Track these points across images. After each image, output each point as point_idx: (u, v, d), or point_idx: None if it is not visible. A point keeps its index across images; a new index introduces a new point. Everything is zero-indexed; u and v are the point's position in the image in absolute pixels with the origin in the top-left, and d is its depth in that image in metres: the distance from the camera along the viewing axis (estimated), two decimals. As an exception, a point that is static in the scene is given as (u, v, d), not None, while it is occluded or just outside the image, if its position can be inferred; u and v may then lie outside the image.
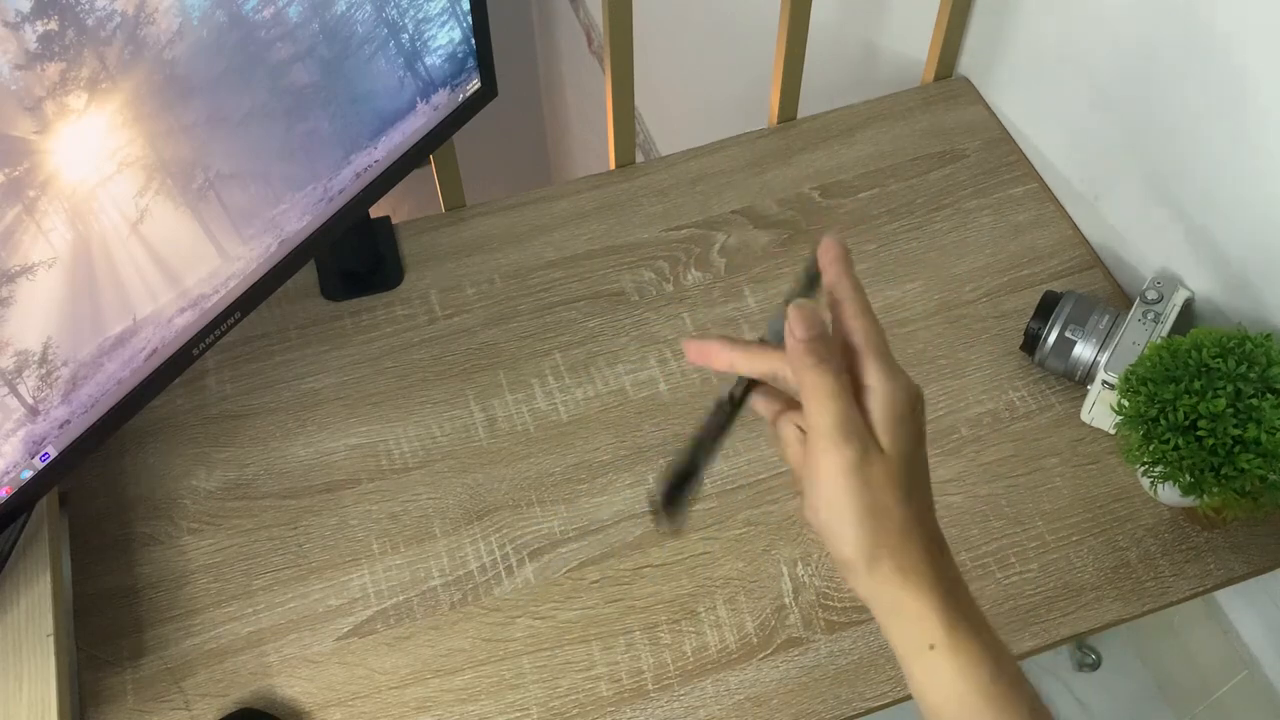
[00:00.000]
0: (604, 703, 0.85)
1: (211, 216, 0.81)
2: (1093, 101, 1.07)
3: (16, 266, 0.69)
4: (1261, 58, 0.87)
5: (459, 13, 0.93)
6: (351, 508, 0.94)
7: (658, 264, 1.09)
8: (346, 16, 0.83)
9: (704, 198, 1.14)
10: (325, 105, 0.86)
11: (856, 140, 1.19)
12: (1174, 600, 0.89)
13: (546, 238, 1.11)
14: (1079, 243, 1.11)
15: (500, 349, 1.03)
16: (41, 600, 0.80)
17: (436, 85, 0.96)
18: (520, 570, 0.91)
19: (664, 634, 0.88)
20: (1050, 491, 0.94)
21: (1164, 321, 0.95)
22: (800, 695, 0.85)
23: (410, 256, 1.09)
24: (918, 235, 1.11)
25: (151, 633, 0.88)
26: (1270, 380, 0.82)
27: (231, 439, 0.98)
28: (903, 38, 1.30)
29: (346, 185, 0.93)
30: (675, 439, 0.97)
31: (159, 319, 0.82)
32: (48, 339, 0.73)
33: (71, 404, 0.78)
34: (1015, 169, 1.16)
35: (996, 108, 1.21)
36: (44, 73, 0.65)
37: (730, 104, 1.63)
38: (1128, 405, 0.84)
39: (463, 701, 0.85)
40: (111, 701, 0.84)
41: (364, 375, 1.02)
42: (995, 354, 1.02)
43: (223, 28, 0.75)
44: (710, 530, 0.93)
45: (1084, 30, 1.06)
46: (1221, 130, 0.93)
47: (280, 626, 0.88)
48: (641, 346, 1.03)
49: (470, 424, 0.99)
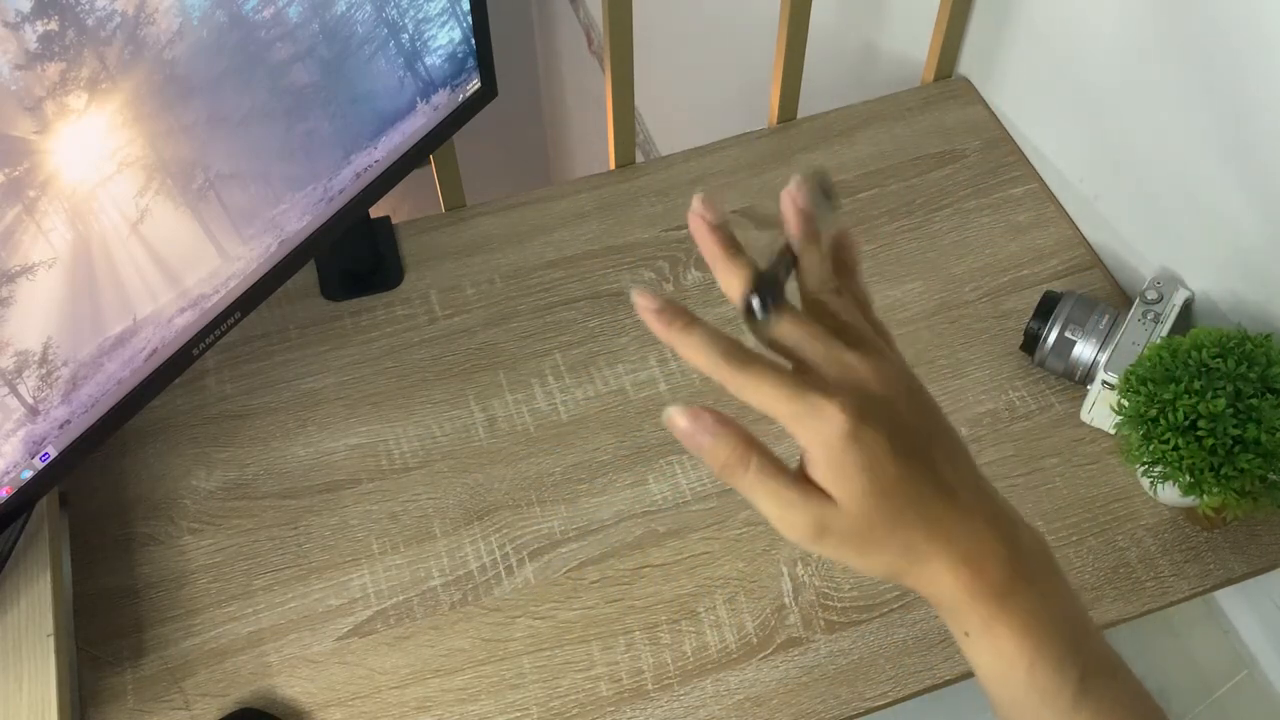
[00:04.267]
0: (604, 703, 0.85)
1: (211, 216, 0.81)
2: (1092, 101, 1.07)
3: (16, 266, 0.69)
4: (1261, 57, 0.87)
5: (459, 13, 0.93)
6: (351, 508, 0.94)
7: (658, 264, 1.09)
8: (346, 16, 0.83)
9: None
10: (325, 105, 0.86)
11: (856, 140, 1.19)
12: (1174, 600, 0.89)
13: (546, 238, 1.11)
14: (1079, 243, 1.11)
15: (500, 349, 1.03)
16: (41, 600, 0.80)
17: (436, 85, 0.96)
18: (520, 570, 0.91)
19: (664, 634, 0.88)
20: (1050, 491, 0.94)
21: (1164, 321, 0.95)
22: (800, 695, 0.85)
23: (410, 256, 1.09)
24: (917, 235, 1.11)
25: (151, 633, 0.88)
26: (1270, 380, 0.82)
27: (231, 439, 0.98)
28: (903, 38, 1.30)
29: (346, 185, 0.93)
30: (675, 439, 0.97)
31: (159, 319, 0.82)
32: (48, 339, 0.73)
33: (71, 404, 0.78)
34: (1015, 169, 1.16)
35: (996, 108, 1.21)
36: (44, 73, 0.65)
37: (730, 104, 1.63)
38: (1128, 405, 0.84)
39: (463, 701, 0.85)
40: (111, 701, 0.85)
41: (364, 375, 1.02)
42: (995, 354, 1.02)
43: (223, 28, 0.75)
44: (710, 530, 0.93)
45: (1084, 30, 1.06)
46: (1221, 130, 0.93)
47: (280, 626, 0.88)
48: (641, 346, 1.03)
49: (470, 424, 0.99)
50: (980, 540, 0.47)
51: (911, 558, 0.47)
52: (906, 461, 0.46)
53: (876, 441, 0.45)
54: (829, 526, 0.46)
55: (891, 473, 0.45)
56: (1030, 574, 0.48)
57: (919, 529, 0.46)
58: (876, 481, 0.45)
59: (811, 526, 0.46)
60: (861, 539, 0.46)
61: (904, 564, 0.47)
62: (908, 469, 0.46)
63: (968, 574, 0.47)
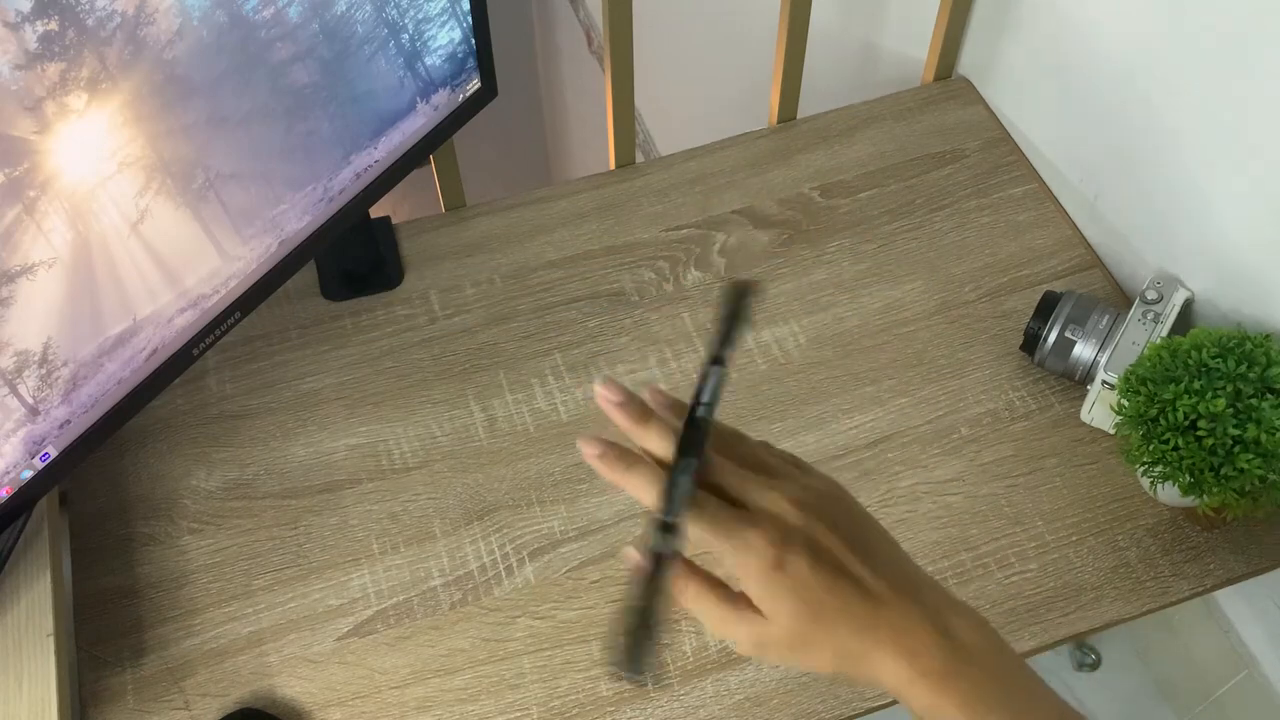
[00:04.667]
0: (604, 703, 0.85)
1: (211, 216, 0.81)
2: (1092, 101, 1.07)
3: (16, 266, 0.69)
4: (1261, 57, 0.87)
5: (459, 13, 0.93)
6: (351, 508, 0.94)
7: (658, 264, 1.09)
8: (346, 16, 0.83)
9: (704, 198, 1.14)
10: (325, 105, 0.86)
11: (856, 140, 1.19)
12: (1174, 600, 0.89)
13: (546, 238, 1.11)
14: (1079, 243, 1.11)
15: (500, 349, 1.03)
16: (41, 600, 0.80)
17: (436, 85, 0.96)
18: (520, 570, 0.91)
19: (664, 634, 0.88)
20: (1050, 491, 0.94)
21: (1164, 321, 0.95)
22: (800, 695, 0.85)
23: (410, 256, 1.09)
24: (918, 235, 1.11)
25: (151, 633, 0.88)
26: (1270, 380, 0.82)
27: (231, 439, 0.98)
28: (903, 38, 1.30)
29: (346, 185, 0.93)
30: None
31: (159, 319, 0.82)
32: (48, 339, 0.73)
33: (72, 404, 0.78)
34: (1015, 169, 1.16)
35: (996, 108, 1.21)
36: (44, 73, 0.65)
37: (730, 104, 1.63)
38: (1128, 405, 0.84)
39: (463, 701, 0.85)
40: (111, 701, 0.85)
41: (364, 375, 1.02)
42: (995, 354, 1.02)
43: (223, 28, 0.75)
44: (710, 530, 0.93)
45: (1083, 30, 1.06)
46: (1221, 130, 0.93)
47: (280, 626, 0.88)
48: (641, 346, 1.03)
49: (470, 424, 0.99)
50: (912, 633, 0.50)
51: (850, 659, 0.51)
52: (830, 577, 0.50)
53: (798, 567, 0.50)
54: (766, 641, 0.51)
55: (816, 591, 0.50)
56: (969, 655, 0.51)
57: (850, 634, 0.50)
58: (803, 601, 0.50)
59: (750, 640, 0.52)
60: (798, 648, 0.51)
61: (845, 664, 0.51)
62: (832, 583, 0.50)
63: (904, 664, 0.50)
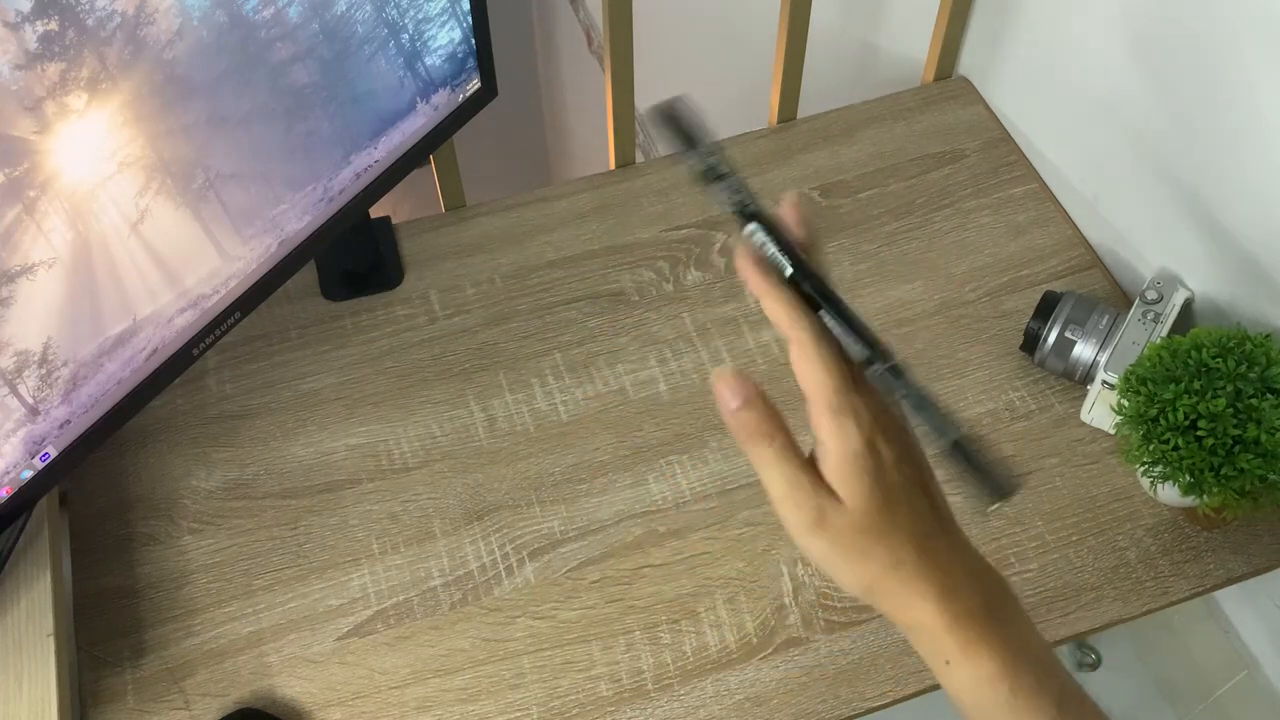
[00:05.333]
0: (604, 703, 0.85)
1: (211, 216, 0.81)
2: (1092, 101, 1.07)
3: (16, 266, 0.69)
4: (1260, 58, 0.87)
5: (459, 13, 0.93)
6: (351, 508, 0.94)
7: (658, 264, 1.09)
8: (346, 16, 0.83)
9: (704, 198, 1.14)
10: (325, 105, 0.86)
11: (856, 140, 1.19)
12: (1174, 600, 0.89)
13: (546, 238, 1.11)
14: (1079, 243, 1.11)
15: (500, 349, 1.03)
16: (41, 600, 0.80)
17: (436, 85, 0.96)
18: (520, 570, 0.91)
19: (664, 634, 0.88)
20: (1050, 491, 0.94)
21: (1164, 321, 0.95)
22: (800, 695, 0.85)
23: (410, 256, 1.09)
24: (918, 235, 1.11)
25: (151, 633, 0.88)
26: (1270, 380, 0.82)
27: (231, 439, 0.98)
28: (903, 38, 1.30)
29: (346, 185, 0.93)
30: (675, 439, 0.97)
31: (159, 319, 0.82)
32: (48, 339, 0.73)
33: (72, 404, 0.78)
34: (1015, 169, 1.16)
35: (996, 108, 1.21)
36: (44, 73, 0.65)
37: (730, 104, 1.62)
38: (1128, 405, 0.84)
39: (463, 701, 0.85)
40: (111, 701, 0.85)
41: (364, 375, 1.02)
42: (995, 354, 1.02)
43: (223, 28, 0.75)
44: (710, 530, 0.93)
45: (1083, 30, 1.06)
46: (1221, 129, 0.93)
47: (280, 626, 0.88)
48: (641, 346, 1.03)
49: (470, 424, 0.99)
50: (961, 571, 0.50)
51: (898, 575, 0.49)
52: (909, 482, 0.50)
53: (889, 455, 0.49)
54: (828, 519, 0.49)
55: (895, 487, 0.49)
56: (1002, 608, 0.51)
57: (910, 544, 0.49)
58: (881, 488, 0.49)
59: (813, 512, 0.49)
60: (855, 539, 0.49)
61: (888, 580, 0.50)
62: (909, 487, 0.50)
63: (948, 602, 0.49)
